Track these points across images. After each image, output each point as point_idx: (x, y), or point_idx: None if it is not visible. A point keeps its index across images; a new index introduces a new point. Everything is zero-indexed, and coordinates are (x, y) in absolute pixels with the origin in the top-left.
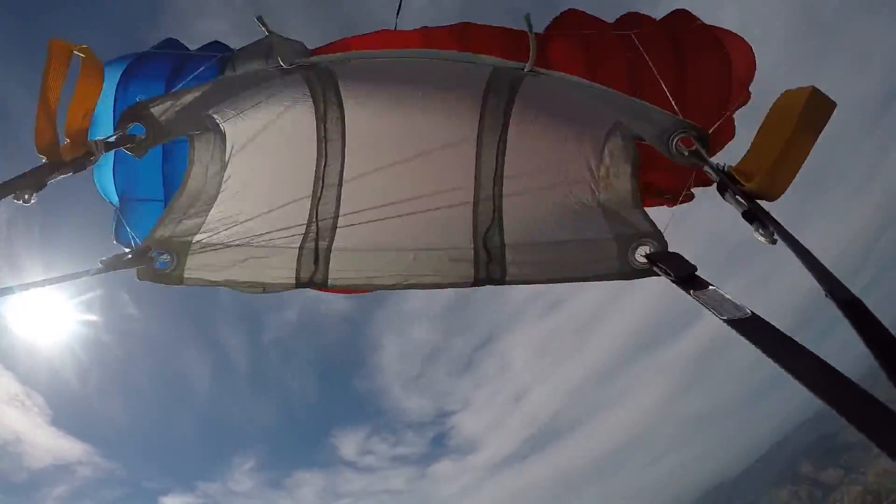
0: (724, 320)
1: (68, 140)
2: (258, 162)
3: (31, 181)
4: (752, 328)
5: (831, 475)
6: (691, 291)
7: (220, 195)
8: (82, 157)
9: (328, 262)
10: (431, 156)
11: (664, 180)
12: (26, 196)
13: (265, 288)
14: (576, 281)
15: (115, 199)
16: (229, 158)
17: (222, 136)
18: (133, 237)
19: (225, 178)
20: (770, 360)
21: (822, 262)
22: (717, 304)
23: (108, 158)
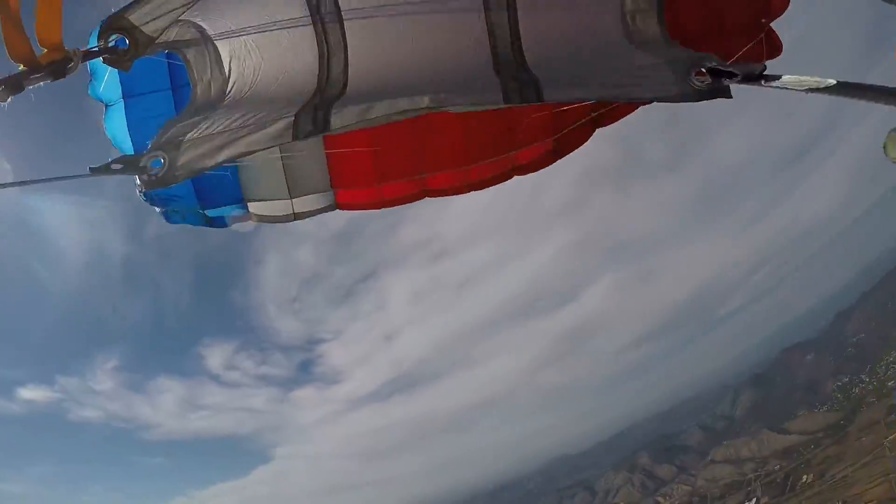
0: (809, 90)
1: (45, 49)
2: (256, 58)
3: (10, 82)
4: (844, 89)
5: (665, 470)
6: (762, 82)
7: (225, 100)
8: (60, 63)
9: (329, 113)
10: (435, 13)
11: (721, 47)
12: (3, 96)
13: (260, 147)
14: (627, 100)
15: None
16: (230, 65)
17: (213, 45)
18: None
19: (230, 87)
20: (877, 106)
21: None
22: (797, 83)
23: (118, 111)
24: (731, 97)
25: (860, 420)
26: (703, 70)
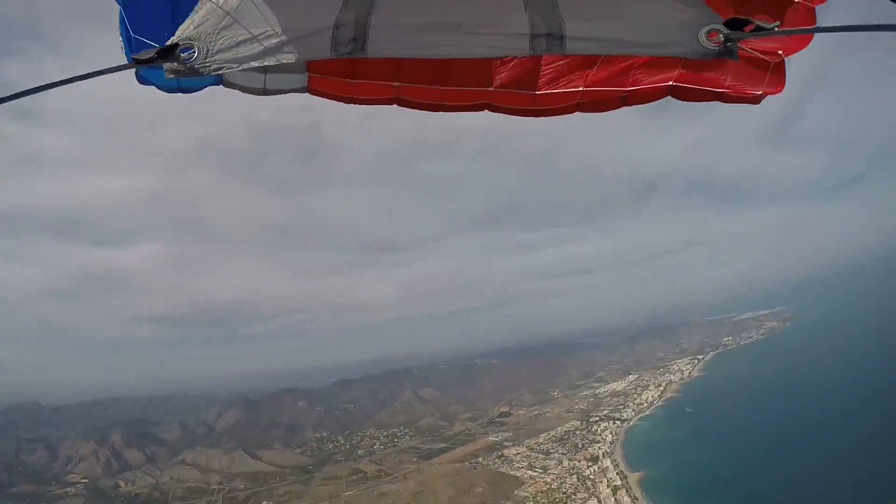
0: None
1: None
2: None
3: None
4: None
5: (134, 456)
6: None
7: None
8: None
9: (366, 35)
10: None
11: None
12: None
13: (297, 59)
14: (643, 55)
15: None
16: None
17: None
18: (137, 38)
19: None
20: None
21: None
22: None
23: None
24: (737, 59)
25: (325, 471)
26: (716, 31)
